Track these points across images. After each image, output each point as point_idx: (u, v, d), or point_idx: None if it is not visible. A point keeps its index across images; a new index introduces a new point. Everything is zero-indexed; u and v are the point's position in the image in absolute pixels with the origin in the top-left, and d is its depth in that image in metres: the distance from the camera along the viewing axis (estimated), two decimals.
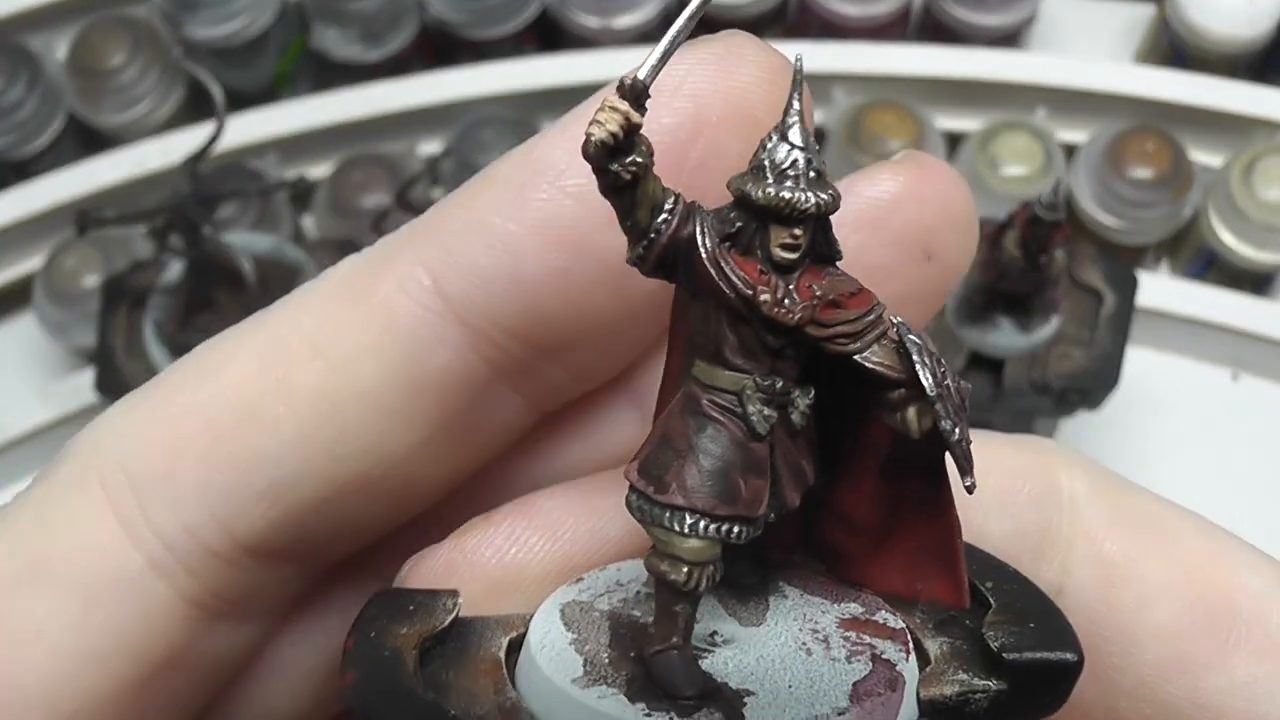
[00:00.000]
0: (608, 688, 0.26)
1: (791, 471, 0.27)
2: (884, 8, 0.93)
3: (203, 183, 0.76)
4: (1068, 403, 0.72)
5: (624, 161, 0.25)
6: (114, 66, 0.91)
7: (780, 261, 0.26)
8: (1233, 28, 0.89)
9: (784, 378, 0.27)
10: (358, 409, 0.30)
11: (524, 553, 0.31)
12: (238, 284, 0.74)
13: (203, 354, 0.31)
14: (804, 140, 0.26)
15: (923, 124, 0.88)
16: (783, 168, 0.26)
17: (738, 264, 0.26)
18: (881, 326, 0.26)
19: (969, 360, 0.72)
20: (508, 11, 0.92)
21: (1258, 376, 0.89)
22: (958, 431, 0.26)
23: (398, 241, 0.31)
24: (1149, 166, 0.86)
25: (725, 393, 0.26)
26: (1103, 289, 0.72)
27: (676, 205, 0.26)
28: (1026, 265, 0.67)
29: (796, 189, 0.26)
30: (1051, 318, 0.72)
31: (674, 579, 0.26)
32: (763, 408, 0.26)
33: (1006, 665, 0.27)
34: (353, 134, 0.92)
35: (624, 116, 0.25)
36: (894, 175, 0.31)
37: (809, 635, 0.28)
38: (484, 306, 0.30)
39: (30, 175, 0.92)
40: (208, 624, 0.31)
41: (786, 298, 0.26)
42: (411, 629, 0.28)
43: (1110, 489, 0.32)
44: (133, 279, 0.78)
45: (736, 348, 0.26)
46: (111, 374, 0.77)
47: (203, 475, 0.29)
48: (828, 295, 0.26)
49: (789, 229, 0.26)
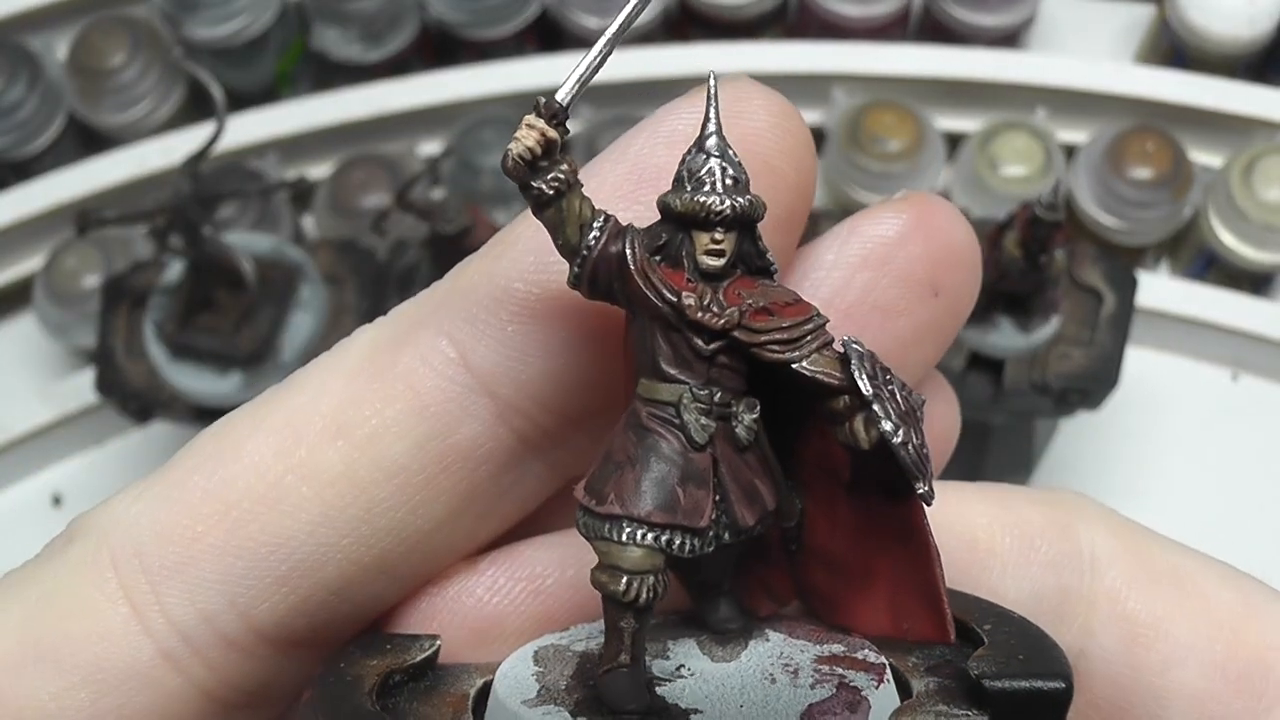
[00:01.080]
0: (555, 707, 0.26)
1: (742, 489, 0.27)
2: (884, 8, 0.93)
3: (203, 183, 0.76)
4: (1068, 403, 0.72)
5: (545, 178, 0.26)
6: (114, 66, 0.91)
7: (707, 269, 0.27)
8: (1233, 28, 0.89)
9: (722, 388, 0.27)
10: (383, 488, 0.29)
11: (505, 603, 0.31)
12: (238, 284, 0.74)
13: (218, 434, 0.30)
14: (720, 150, 0.27)
15: (923, 124, 0.88)
16: (699, 175, 0.27)
17: (666, 275, 0.26)
18: (823, 337, 0.27)
19: (969, 360, 0.72)
20: (508, 11, 0.92)
21: (1258, 376, 0.89)
22: (901, 434, 0.26)
23: (417, 311, 0.30)
24: (1149, 166, 0.86)
25: (663, 404, 0.27)
26: (1103, 289, 0.72)
27: (607, 224, 0.26)
28: (1026, 265, 0.67)
29: (713, 194, 0.26)
30: (1051, 318, 0.72)
31: (613, 589, 0.26)
32: (699, 417, 0.27)
33: (988, 694, 0.26)
34: (353, 134, 0.92)
35: (540, 134, 0.25)
36: (897, 214, 0.31)
37: (779, 668, 0.28)
38: (514, 377, 0.29)
39: (30, 175, 0.92)
40: (221, 715, 0.30)
41: (713, 303, 0.26)
42: (381, 661, 0.28)
43: (1133, 544, 0.31)
44: (133, 279, 0.78)
45: (671, 358, 0.27)
46: (111, 374, 0.77)
47: (221, 562, 0.29)
48: (758, 302, 0.27)
49: (710, 234, 0.27)
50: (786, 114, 0.30)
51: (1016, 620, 0.28)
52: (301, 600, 0.29)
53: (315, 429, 0.29)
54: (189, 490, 0.29)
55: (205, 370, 0.74)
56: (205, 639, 0.29)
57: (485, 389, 0.29)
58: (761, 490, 0.27)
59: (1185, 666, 0.30)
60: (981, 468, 0.81)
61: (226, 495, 0.29)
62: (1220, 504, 0.85)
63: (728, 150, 0.27)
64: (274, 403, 0.30)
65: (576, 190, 0.26)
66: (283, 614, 0.29)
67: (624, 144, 0.30)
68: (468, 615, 0.30)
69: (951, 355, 0.72)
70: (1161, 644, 0.30)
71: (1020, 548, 0.31)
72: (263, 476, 0.29)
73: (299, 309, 0.75)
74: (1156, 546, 0.31)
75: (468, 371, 0.29)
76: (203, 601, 0.29)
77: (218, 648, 0.29)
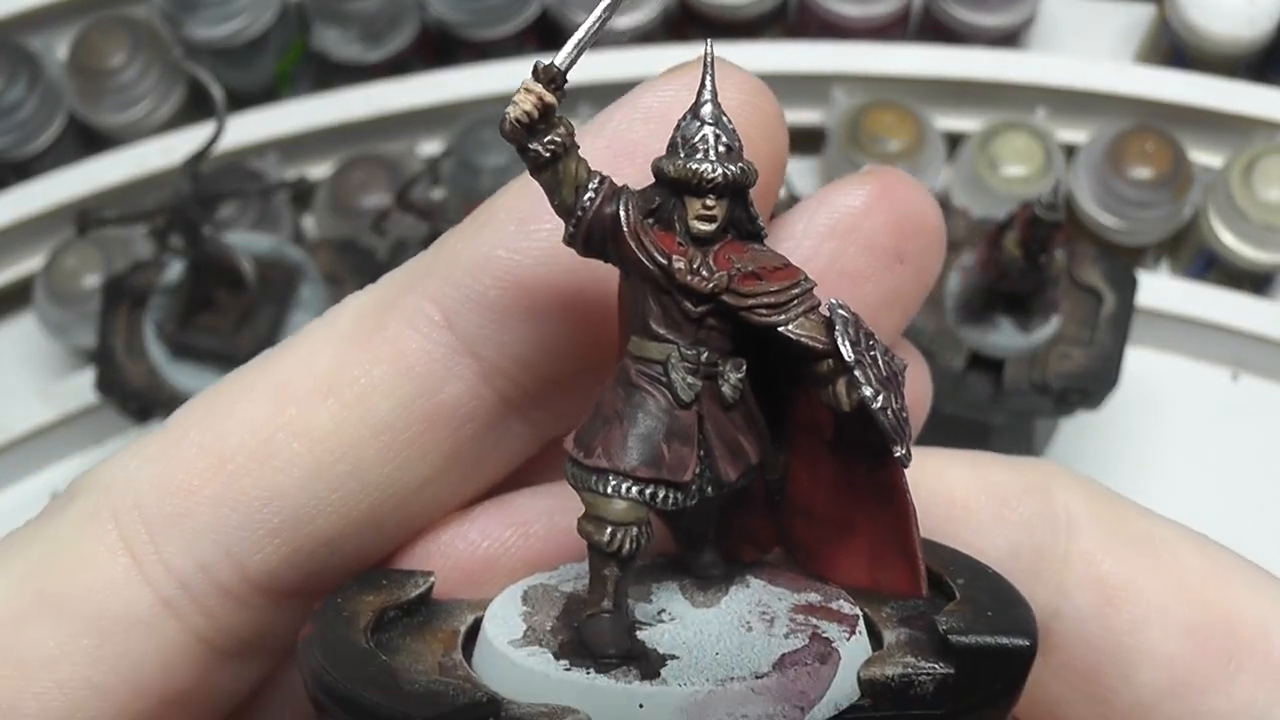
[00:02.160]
0: (539, 648, 0.27)
1: (726, 445, 0.28)
2: (884, 8, 0.93)
3: (203, 183, 0.76)
4: (1068, 403, 0.72)
5: (542, 140, 0.27)
6: (114, 66, 0.91)
7: (698, 234, 0.27)
8: (1233, 28, 0.89)
9: (709, 348, 0.28)
10: (371, 445, 0.30)
11: (495, 546, 0.32)
12: (238, 284, 0.74)
13: (214, 394, 0.31)
14: (714, 118, 0.28)
15: (923, 124, 0.88)
16: (693, 142, 0.27)
17: (658, 238, 0.27)
18: (810, 301, 0.28)
19: (969, 360, 0.72)
20: (508, 11, 0.92)
21: (1258, 376, 0.88)
22: (880, 399, 0.27)
23: (404, 278, 0.31)
24: (1149, 166, 0.86)
25: (652, 363, 0.28)
26: (1103, 289, 0.72)
27: (602, 185, 0.27)
28: (1026, 265, 0.67)
29: (705, 161, 0.27)
30: (1051, 318, 0.72)
31: (598, 539, 0.27)
32: (686, 376, 0.27)
33: (954, 649, 0.27)
34: (353, 134, 0.92)
35: (538, 98, 0.26)
36: (862, 185, 0.32)
37: (756, 615, 0.29)
38: (496, 339, 0.30)
39: (30, 175, 0.92)
40: (218, 661, 0.31)
41: (703, 267, 0.27)
42: (377, 597, 0.29)
43: (1109, 509, 0.32)
44: (133, 279, 0.78)
45: (660, 318, 0.27)
46: (111, 374, 0.77)
47: (217, 513, 0.30)
48: (747, 267, 0.27)
49: (701, 200, 0.27)
50: (758, 91, 0.31)
51: (990, 576, 0.29)
52: (293, 551, 0.30)
53: (306, 389, 0.30)
54: (186, 446, 0.30)
55: (205, 370, 0.74)
56: (202, 587, 0.30)
57: (468, 351, 0.30)
58: (745, 446, 0.28)
59: (1155, 628, 0.31)
60: None
61: (222, 451, 0.30)
62: (1220, 504, 0.85)
63: (722, 118, 0.28)
64: (267, 365, 0.31)
65: (573, 153, 0.27)
66: (275, 564, 0.30)
67: (603, 119, 0.31)
68: (460, 558, 0.32)
69: (952, 355, 0.72)
70: (1133, 605, 0.31)
71: (997, 508, 0.32)
72: (256, 433, 0.30)
73: (299, 309, 0.75)
74: (1131, 512, 0.32)
75: (451, 334, 0.30)
76: (199, 552, 0.30)
77: (214, 596, 0.30)
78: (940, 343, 0.72)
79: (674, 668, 0.27)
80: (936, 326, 0.72)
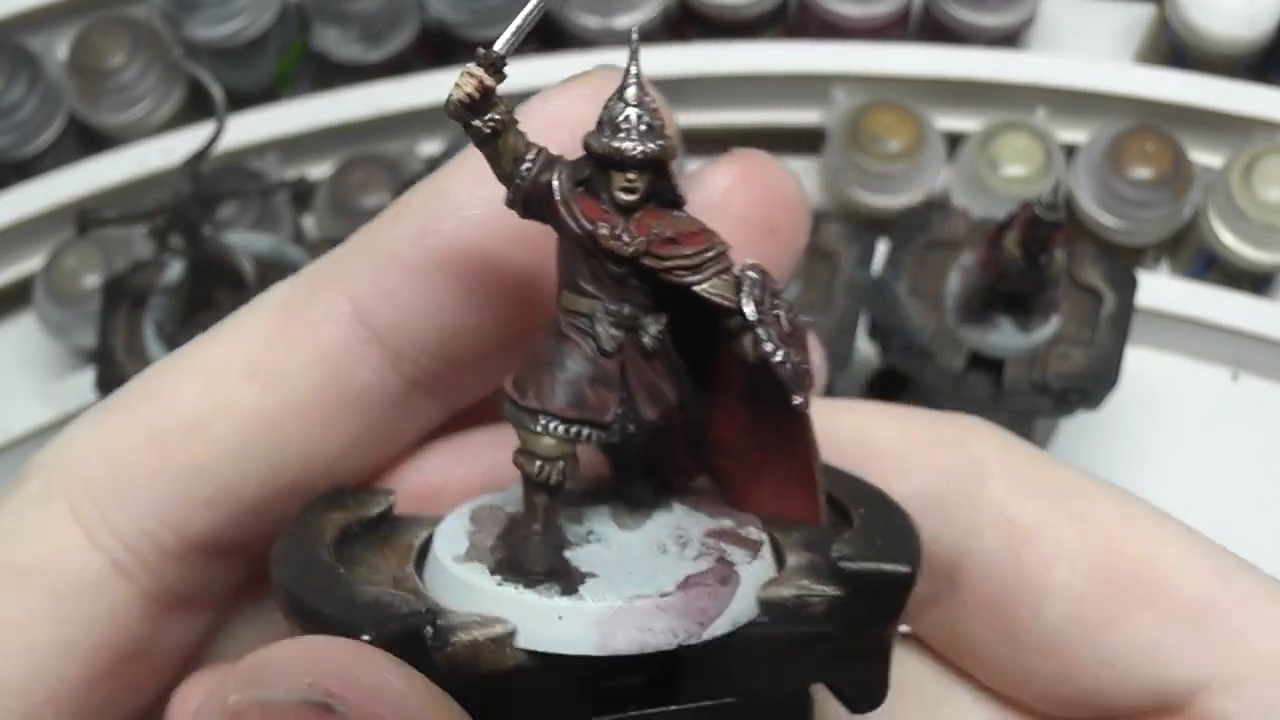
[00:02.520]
0: (478, 564, 0.31)
1: (646, 389, 0.31)
2: (884, 8, 0.93)
3: (203, 183, 0.76)
4: (1068, 403, 0.72)
5: (483, 118, 0.30)
6: (114, 66, 0.91)
7: (621, 203, 0.30)
8: (1233, 28, 0.89)
9: (631, 304, 0.31)
10: (291, 424, 0.34)
11: (445, 477, 0.36)
12: (238, 284, 0.74)
13: (152, 374, 0.35)
14: (638, 99, 0.30)
15: (923, 124, 0.88)
16: (616, 121, 0.30)
17: (584, 205, 0.30)
18: (723, 263, 0.31)
19: (969, 360, 0.72)
20: (508, 11, 0.92)
21: (1258, 376, 0.88)
22: (780, 354, 0.30)
23: (323, 271, 0.35)
24: (1149, 166, 0.86)
25: (580, 315, 0.31)
26: (1103, 289, 0.72)
27: (538, 156, 0.30)
28: (1026, 265, 0.67)
29: (627, 140, 0.30)
30: (1051, 318, 0.72)
31: (529, 471, 0.30)
32: (610, 329, 0.31)
33: (842, 573, 0.30)
34: (353, 134, 0.92)
35: (479, 81, 0.29)
36: (729, 165, 0.36)
37: (672, 539, 0.32)
38: (402, 329, 0.34)
39: (30, 175, 0.92)
40: (165, 616, 0.35)
41: (624, 233, 0.30)
42: (341, 515, 0.33)
43: (1025, 460, 0.35)
44: (133, 279, 0.78)
45: (588, 277, 0.31)
46: (112, 374, 0.77)
47: (154, 486, 0.33)
48: (665, 232, 0.30)
49: (623, 174, 0.30)
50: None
51: (892, 510, 0.32)
52: (225, 518, 0.34)
53: (234, 371, 0.34)
54: (125, 423, 0.34)
55: None
56: (146, 550, 0.33)
57: (378, 339, 0.34)
58: (664, 390, 0.32)
59: (1063, 566, 0.33)
60: None
61: (157, 427, 0.33)
62: (1220, 504, 0.85)
63: (644, 99, 0.31)
64: (201, 348, 0.35)
65: (510, 129, 0.30)
66: (210, 530, 0.34)
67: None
68: (414, 487, 0.35)
69: (952, 355, 0.72)
70: (1041, 545, 0.33)
71: (914, 454, 0.34)
72: (189, 411, 0.33)
73: None
74: (1048, 464, 0.35)
75: (362, 324, 0.33)
76: (140, 519, 0.33)
77: (157, 557, 0.33)
78: (940, 343, 0.72)
79: (592, 585, 0.30)
80: (936, 326, 0.72)
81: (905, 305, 0.72)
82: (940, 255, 0.73)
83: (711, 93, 0.92)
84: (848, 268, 0.74)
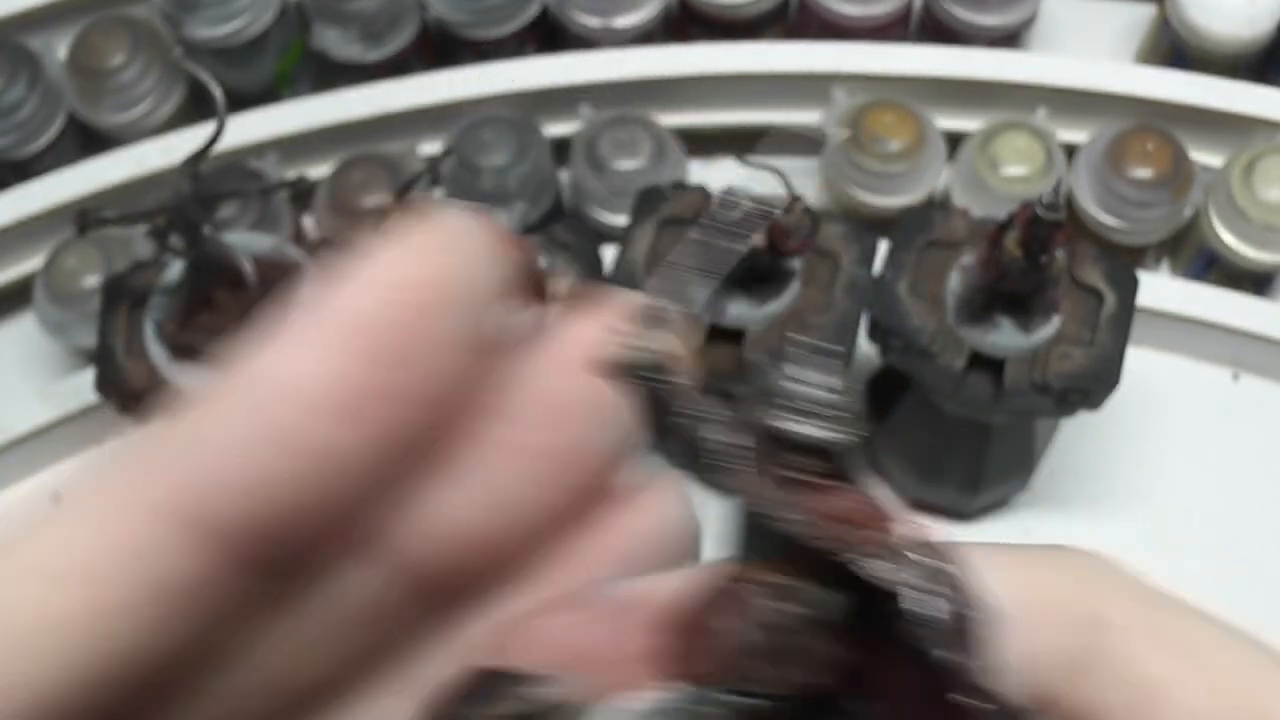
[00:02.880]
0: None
1: None
2: (884, 8, 0.93)
3: (203, 183, 0.76)
4: (1068, 403, 0.72)
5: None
6: (114, 66, 0.91)
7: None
8: (1233, 28, 0.89)
9: None
10: (106, 623, 0.29)
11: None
12: (238, 284, 0.74)
13: None
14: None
15: (923, 124, 0.88)
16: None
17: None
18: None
19: (969, 360, 0.72)
20: (508, 11, 0.92)
21: (1258, 376, 0.88)
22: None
23: (141, 463, 0.31)
24: (1149, 166, 0.86)
25: None
26: (1103, 289, 0.72)
27: None
28: (1027, 265, 0.67)
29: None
30: (1051, 318, 0.71)
31: None
32: None
33: None
34: (353, 134, 0.92)
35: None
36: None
37: None
38: (232, 516, 0.30)
39: (30, 175, 0.91)
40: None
41: None
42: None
43: (1151, 607, 0.32)
44: (133, 279, 0.77)
45: None
46: (111, 374, 0.76)
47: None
48: None
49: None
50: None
51: None
52: None
53: (55, 571, 0.30)
54: None
55: (206, 370, 0.74)
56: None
57: (208, 530, 0.30)
58: None
59: None
60: (982, 468, 0.81)
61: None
62: (1220, 504, 0.85)
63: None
64: (19, 543, 0.31)
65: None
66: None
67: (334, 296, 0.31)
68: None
69: (952, 355, 0.72)
70: (1167, 707, 0.31)
71: (1033, 609, 0.32)
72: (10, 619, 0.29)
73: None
74: (1170, 608, 0.33)
75: (185, 515, 0.30)
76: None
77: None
78: (940, 343, 0.72)
79: None
80: (936, 326, 0.72)
81: (905, 305, 0.72)
82: (940, 255, 0.73)
83: (711, 93, 0.92)
84: (848, 268, 0.74)
